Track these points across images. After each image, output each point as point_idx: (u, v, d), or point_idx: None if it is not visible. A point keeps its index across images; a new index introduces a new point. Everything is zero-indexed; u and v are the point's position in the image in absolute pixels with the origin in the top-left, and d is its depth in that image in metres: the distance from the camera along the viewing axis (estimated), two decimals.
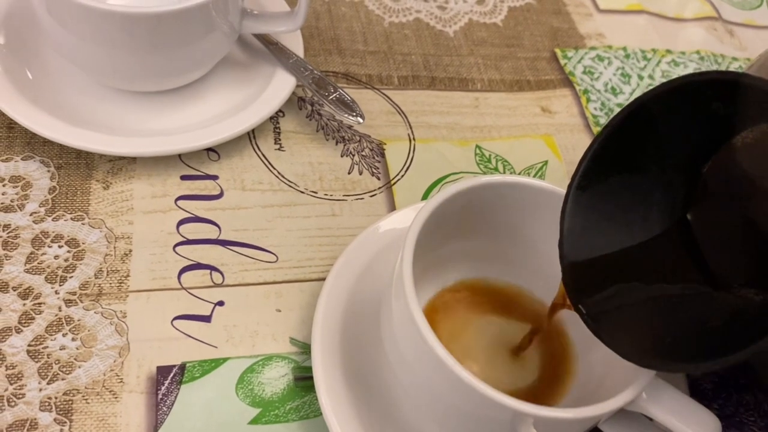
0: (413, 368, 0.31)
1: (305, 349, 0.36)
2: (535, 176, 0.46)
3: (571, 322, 0.36)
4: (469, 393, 0.28)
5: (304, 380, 0.35)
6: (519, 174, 0.46)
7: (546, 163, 0.47)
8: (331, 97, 0.43)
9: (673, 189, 0.31)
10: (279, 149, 0.43)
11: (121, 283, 0.36)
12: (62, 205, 0.38)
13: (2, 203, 0.37)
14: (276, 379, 0.35)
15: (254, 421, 0.33)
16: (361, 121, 0.43)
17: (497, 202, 0.35)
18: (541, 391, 0.35)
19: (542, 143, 0.48)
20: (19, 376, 0.32)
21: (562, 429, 0.30)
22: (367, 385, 0.33)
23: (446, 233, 0.35)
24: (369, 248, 0.37)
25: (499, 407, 0.28)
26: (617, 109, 0.51)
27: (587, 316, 0.30)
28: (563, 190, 0.34)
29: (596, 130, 0.50)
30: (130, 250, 0.37)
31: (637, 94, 0.52)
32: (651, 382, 0.29)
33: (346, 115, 0.43)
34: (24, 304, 0.34)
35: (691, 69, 0.56)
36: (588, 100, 0.51)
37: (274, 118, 0.45)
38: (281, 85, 0.43)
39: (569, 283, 0.31)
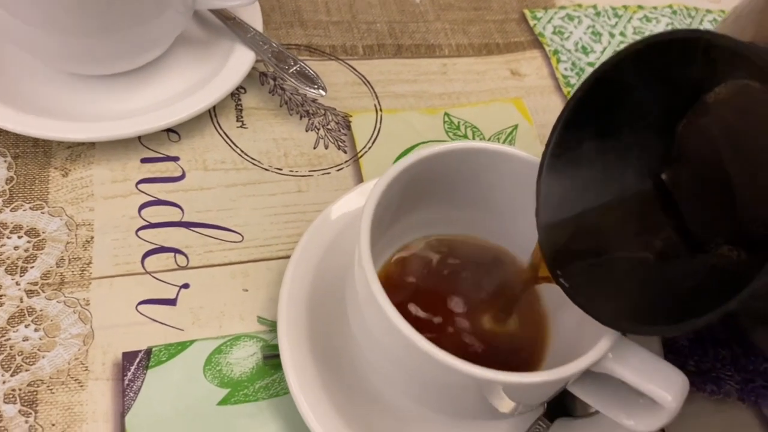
0: (379, 343, 0.31)
1: (273, 327, 0.35)
2: (505, 141, 0.46)
3: (545, 286, 0.36)
4: (437, 366, 0.27)
5: (272, 358, 0.34)
6: (488, 140, 0.45)
7: (516, 127, 0.46)
8: (291, 70, 0.42)
9: (649, 150, 0.30)
10: (241, 126, 0.42)
11: (83, 270, 0.35)
12: (20, 194, 0.37)
13: None
14: (244, 358, 0.34)
15: (223, 402, 0.33)
16: (323, 93, 0.42)
17: (462, 169, 0.34)
18: (520, 355, 0.34)
19: (512, 107, 0.48)
20: None
21: (530, 392, 0.30)
22: (336, 359, 0.33)
23: (410, 203, 0.35)
24: (334, 223, 0.37)
25: (467, 377, 0.27)
26: (588, 69, 0.50)
27: (565, 283, 0.29)
28: (525, 153, 0.33)
29: (567, 90, 0.49)
30: (92, 237, 0.37)
31: (609, 52, 0.52)
32: (617, 342, 0.29)
33: (307, 88, 0.42)
34: None
35: (663, 24, 0.55)
36: (558, 60, 0.51)
37: (236, 95, 0.44)
38: (240, 60, 0.42)
39: (547, 250, 0.30)
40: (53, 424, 0.31)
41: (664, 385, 0.28)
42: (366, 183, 0.39)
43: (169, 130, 0.41)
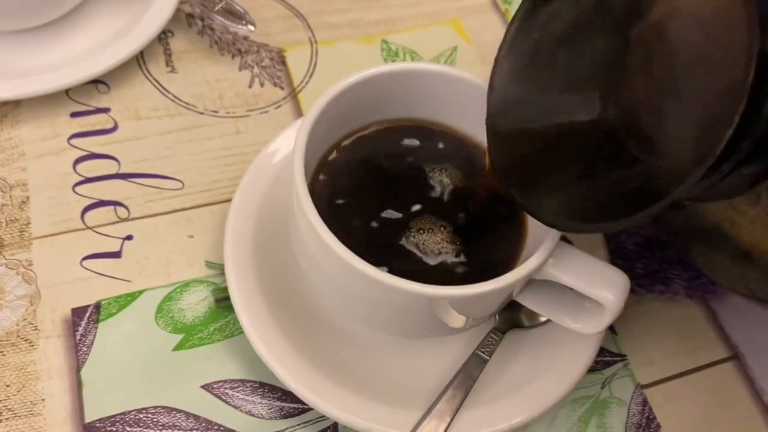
0: (324, 271, 0.31)
1: (223, 270, 0.35)
2: (445, 62, 0.45)
3: None
4: (377, 286, 0.27)
5: (224, 300, 0.34)
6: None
7: (455, 48, 0.46)
8: (217, 8, 0.41)
9: (597, 61, 0.30)
10: (172, 71, 0.41)
11: (22, 231, 0.35)
12: None
13: None
14: (196, 303, 0.34)
15: (178, 347, 0.33)
16: (252, 28, 0.41)
17: (397, 92, 0.34)
18: (493, 261, 0.32)
19: (450, 29, 0.47)
20: None
21: (476, 304, 0.30)
22: (286, 294, 0.33)
23: (350, 128, 0.34)
24: (275, 161, 0.36)
25: (414, 295, 0.28)
26: None
27: (514, 189, 0.29)
28: (443, 66, 0.33)
29: (504, 7, 0.48)
30: (28, 197, 0.36)
31: None
32: (557, 248, 0.29)
33: (235, 25, 0.41)
34: None
35: None
36: None
37: (163, 39, 0.42)
38: (164, 2, 0.41)
39: (494, 155, 0.30)
40: (8, 385, 0.31)
41: (604, 285, 0.29)
42: (304, 118, 0.38)
43: (97, 81, 0.40)
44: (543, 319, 0.34)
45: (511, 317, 0.34)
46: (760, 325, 0.38)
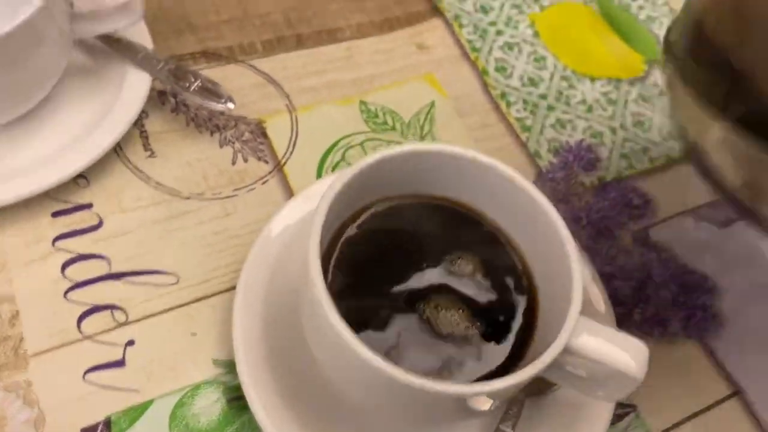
0: (346, 372, 0.30)
1: (231, 368, 0.34)
2: (425, 120, 0.45)
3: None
4: (410, 389, 0.27)
5: (237, 400, 0.33)
6: (408, 122, 0.45)
7: (433, 103, 0.46)
8: (192, 87, 0.39)
9: None
10: (151, 155, 0.40)
11: (16, 350, 0.33)
12: None
13: None
14: (209, 406, 0.33)
15: None
16: (232, 106, 0.40)
17: (420, 170, 0.33)
18: (510, 334, 0.32)
19: (425, 84, 0.47)
20: None
21: (510, 390, 0.30)
22: (303, 388, 0.33)
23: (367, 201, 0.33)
24: (274, 245, 0.35)
25: (445, 396, 0.27)
26: (491, 29, 0.50)
27: None
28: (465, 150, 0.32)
29: (474, 55, 0.48)
30: (17, 312, 0.34)
31: (507, 8, 0.51)
32: (577, 323, 0.29)
33: (214, 104, 0.40)
34: None
35: None
36: (460, 26, 0.50)
37: (138, 122, 0.41)
38: (135, 85, 0.39)
39: None
40: None
41: (628, 356, 0.29)
42: (297, 196, 0.37)
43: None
44: (556, 384, 0.35)
45: (529, 386, 0.34)
46: (758, 357, 0.39)
